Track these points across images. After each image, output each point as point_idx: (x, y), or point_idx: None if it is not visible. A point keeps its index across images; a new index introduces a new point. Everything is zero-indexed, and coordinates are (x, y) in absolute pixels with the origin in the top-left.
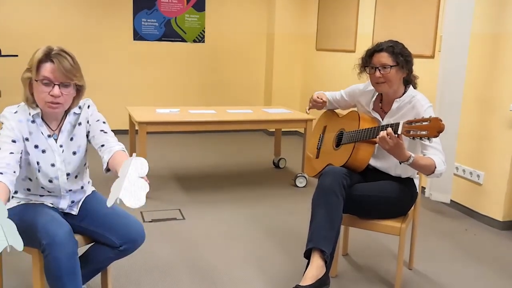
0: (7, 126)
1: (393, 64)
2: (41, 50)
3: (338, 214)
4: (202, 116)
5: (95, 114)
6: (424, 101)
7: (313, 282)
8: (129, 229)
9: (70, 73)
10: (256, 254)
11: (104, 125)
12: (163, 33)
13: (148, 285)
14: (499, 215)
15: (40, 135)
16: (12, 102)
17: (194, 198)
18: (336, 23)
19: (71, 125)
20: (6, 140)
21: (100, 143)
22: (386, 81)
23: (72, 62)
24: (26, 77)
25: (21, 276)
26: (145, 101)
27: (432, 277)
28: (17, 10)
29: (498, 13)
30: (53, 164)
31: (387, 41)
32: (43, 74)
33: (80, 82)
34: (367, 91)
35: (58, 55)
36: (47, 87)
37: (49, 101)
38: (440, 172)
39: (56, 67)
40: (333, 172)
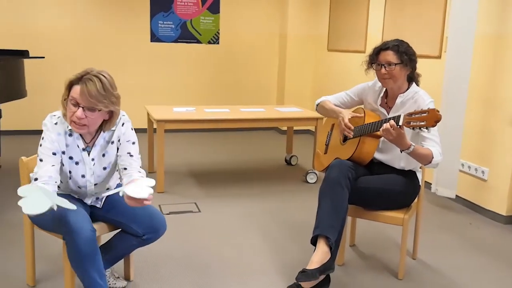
0: (48, 138)
1: (398, 62)
2: (81, 72)
3: (343, 205)
4: (217, 115)
5: (128, 133)
6: (426, 97)
7: (318, 266)
8: (152, 220)
9: (94, 99)
10: (268, 245)
11: (132, 147)
12: (179, 34)
13: (166, 271)
14: (503, 209)
15: (76, 148)
16: (38, 102)
17: (209, 193)
18: (347, 24)
19: (104, 140)
20: (47, 153)
21: (123, 166)
22: (391, 77)
23: (102, 88)
24: (62, 95)
25: (52, 261)
26: (162, 100)
27: (435, 267)
28: (44, 14)
29: (501, 14)
30: (84, 175)
31: (393, 40)
32: (72, 95)
33: (109, 108)
34: (375, 89)
35: (89, 79)
36: (74, 107)
37: (74, 120)
38: (437, 162)
39: (82, 91)
40: (339, 165)
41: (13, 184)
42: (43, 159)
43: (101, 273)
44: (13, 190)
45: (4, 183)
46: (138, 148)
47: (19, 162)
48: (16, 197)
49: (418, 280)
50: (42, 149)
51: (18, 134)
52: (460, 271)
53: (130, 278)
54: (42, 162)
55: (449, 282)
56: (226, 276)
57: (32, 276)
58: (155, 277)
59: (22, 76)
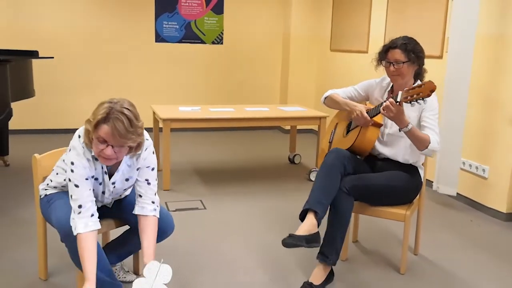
0: (79, 164)
1: (406, 60)
2: (104, 108)
3: (334, 185)
4: (221, 114)
5: (148, 159)
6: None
7: (305, 234)
8: (160, 222)
9: (124, 138)
10: (271, 242)
11: (151, 173)
12: (183, 35)
13: (173, 266)
14: (503, 207)
15: (100, 170)
16: (45, 101)
17: (214, 191)
18: (350, 25)
19: (127, 165)
20: (81, 179)
21: (139, 193)
22: (399, 74)
23: (129, 125)
24: (87, 129)
25: (64, 255)
26: (166, 100)
27: (436, 262)
28: (52, 15)
29: (502, 15)
30: (104, 192)
31: (401, 37)
32: (100, 134)
33: (136, 142)
34: (382, 85)
35: (116, 118)
36: (102, 145)
37: (102, 156)
38: (433, 149)
39: (111, 131)
40: (336, 151)
41: (23, 182)
42: (79, 185)
43: (107, 269)
44: (23, 187)
45: (14, 181)
46: (156, 173)
47: (32, 160)
48: (27, 194)
49: (420, 275)
50: (75, 175)
51: (25, 133)
52: (461, 266)
53: (139, 272)
54: (78, 188)
55: (450, 277)
56: (231, 272)
57: (44, 270)
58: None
59: (30, 76)
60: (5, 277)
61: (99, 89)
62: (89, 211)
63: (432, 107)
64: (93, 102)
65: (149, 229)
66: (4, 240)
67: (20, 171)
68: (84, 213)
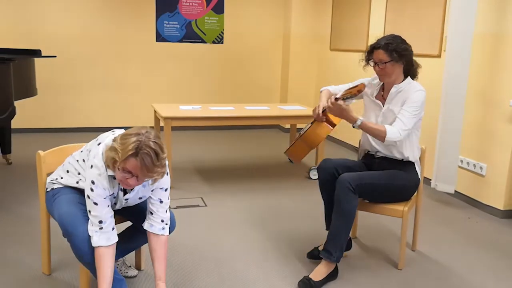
0: (100, 184)
1: (389, 59)
2: (133, 142)
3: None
4: (222, 112)
5: (163, 181)
6: (416, 86)
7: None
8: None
9: (151, 172)
10: (271, 239)
11: (164, 194)
12: (184, 34)
13: (175, 261)
14: (500, 204)
15: (117, 187)
16: (48, 100)
17: (215, 188)
18: (349, 24)
19: (142, 186)
20: (100, 198)
21: (150, 210)
22: (385, 74)
23: (156, 159)
24: (112, 157)
25: (67, 251)
26: (167, 99)
27: (434, 258)
28: (54, 15)
29: (500, 14)
30: (115, 203)
31: (386, 36)
32: (127, 167)
33: (160, 174)
34: (373, 83)
35: (145, 154)
36: (128, 174)
37: (125, 183)
38: (392, 139)
39: (140, 166)
40: (324, 165)
41: (25, 180)
42: (99, 203)
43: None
44: (25, 185)
45: (17, 179)
46: (169, 192)
47: (36, 156)
48: (29, 191)
49: (418, 270)
50: (95, 194)
51: (28, 132)
52: (458, 262)
53: (141, 267)
54: (97, 206)
55: (447, 272)
56: (232, 266)
57: (47, 265)
58: None
59: (33, 75)
60: (9, 272)
61: (101, 88)
62: (110, 226)
63: (413, 100)
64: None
65: (159, 249)
66: (8, 236)
67: (22, 169)
68: (106, 228)
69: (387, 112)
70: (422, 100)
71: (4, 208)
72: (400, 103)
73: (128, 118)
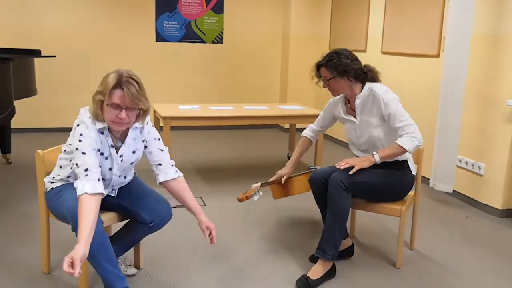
0: (87, 135)
1: (331, 77)
2: (113, 76)
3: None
4: (221, 112)
5: (152, 131)
6: (381, 89)
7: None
8: (158, 207)
9: (136, 99)
10: (270, 237)
11: (160, 143)
12: (183, 34)
13: (174, 260)
14: (498, 203)
15: (106, 144)
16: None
17: (214, 188)
18: (348, 24)
19: (132, 138)
20: (89, 147)
21: (157, 162)
22: (333, 90)
23: (139, 88)
24: (98, 99)
25: (66, 250)
26: (167, 99)
27: (432, 256)
28: (53, 15)
29: (498, 14)
30: (111, 168)
31: (329, 52)
32: (114, 101)
33: (145, 106)
34: (336, 100)
35: (128, 82)
36: (116, 110)
37: (116, 121)
38: (412, 148)
39: (125, 94)
40: (314, 177)
41: (25, 179)
42: (86, 152)
43: (113, 261)
44: (25, 184)
45: (17, 179)
46: (162, 141)
47: (35, 155)
48: (29, 190)
49: (416, 269)
50: (83, 144)
51: (28, 131)
52: (456, 261)
53: (140, 266)
54: (85, 155)
55: (445, 271)
56: (231, 266)
57: (47, 264)
58: (164, 265)
59: (33, 75)
60: (8, 271)
61: None
62: (96, 174)
63: (389, 104)
64: None
65: (184, 190)
66: (8, 235)
67: (22, 168)
68: (91, 175)
69: (362, 123)
70: (394, 96)
71: (3, 207)
72: (374, 111)
73: None
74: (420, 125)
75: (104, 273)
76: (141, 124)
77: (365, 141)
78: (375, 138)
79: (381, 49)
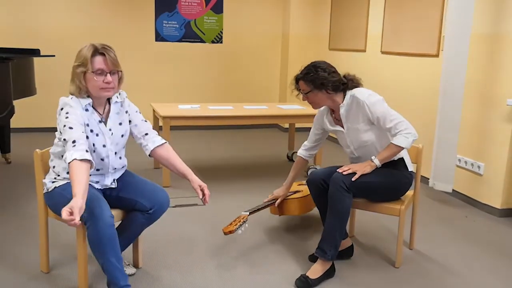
0: (73, 112)
1: (308, 90)
2: (87, 47)
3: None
4: (220, 112)
5: (131, 105)
6: (363, 94)
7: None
8: (156, 194)
9: (116, 63)
10: (269, 237)
11: (141, 115)
12: (183, 34)
13: (172, 260)
14: (498, 203)
15: (93, 121)
16: (46, 100)
17: (213, 187)
18: (348, 24)
19: (115, 112)
20: (75, 122)
21: (144, 131)
22: (312, 102)
23: (114, 54)
24: (80, 71)
25: (64, 250)
26: (166, 98)
27: (431, 256)
28: (52, 14)
29: (497, 14)
30: (105, 145)
31: (307, 66)
32: (97, 67)
33: (121, 69)
34: (321, 112)
35: (104, 49)
36: (101, 76)
37: (103, 87)
38: (409, 145)
39: (107, 58)
40: (312, 179)
41: (24, 179)
42: (73, 127)
43: (119, 257)
44: (24, 184)
45: (16, 178)
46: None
47: (33, 155)
48: (28, 190)
49: (415, 269)
50: (69, 120)
51: (27, 131)
52: (456, 261)
53: (139, 265)
54: (72, 129)
55: (445, 271)
56: (230, 265)
57: (46, 263)
58: (163, 264)
59: (32, 74)
60: (7, 270)
61: None
62: (83, 145)
63: (374, 103)
64: None
65: (171, 154)
66: (7, 234)
67: (21, 168)
68: (78, 146)
69: (350, 131)
70: (378, 98)
71: (3, 206)
72: (360, 117)
73: None
74: (420, 124)
75: (110, 268)
76: (120, 98)
77: (357, 147)
78: (366, 142)
79: (380, 49)
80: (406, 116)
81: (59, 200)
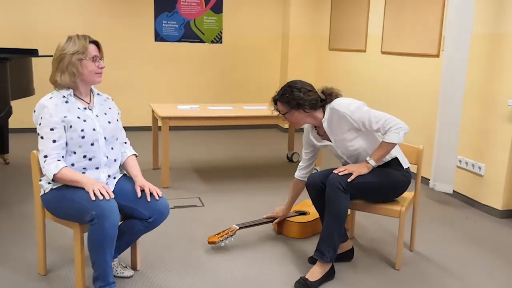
0: (45, 115)
1: (286, 111)
2: (74, 40)
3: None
4: (220, 112)
5: (114, 105)
6: (342, 104)
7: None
8: (157, 203)
9: (102, 49)
10: (268, 238)
11: (120, 121)
12: (182, 34)
13: (171, 261)
14: (499, 204)
15: (77, 109)
16: None
17: (213, 188)
18: (348, 24)
19: (99, 104)
20: (47, 131)
21: (123, 140)
22: (292, 122)
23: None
24: (76, 59)
25: (62, 252)
26: (166, 99)
27: (431, 258)
28: (51, 14)
29: (497, 14)
30: (94, 128)
31: (283, 87)
32: (93, 53)
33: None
34: (306, 130)
35: (89, 37)
36: (96, 62)
37: (98, 72)
38: (401, 139)
39: (98, 45)
40: (311, 180)
41: (23, 179)
42: (44, 136)
43: (112, 255)
44: (22, 185)
45: (14, 179)
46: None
47: (30, 156)
48: (26, 191)
49: (415, 270)
50: (41, 127)
51: (25, 132)
52: (456, 262)
53: (137, 268)
54: (43, 140)
55: (445, 272)
56: (229, 267)
57: (43, 265)
58: (161, 266)
59: (30, 75)
60: (4, 272)
61: (98, 87)
62: (54, 158)
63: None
64: None
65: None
66: (4, 236)
67: (19, 169)
68: (50, 159)
69: (338, 142)
70: (358, 104)
71: (1, 207)
72: (344, 127)
73: (126, 118)
74: (420, 125)
75: (104, 265)
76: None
77: (349, 156)
78: (357, 150)
79: (380, 49)
80: (406, 116)
81: (56, 201)
